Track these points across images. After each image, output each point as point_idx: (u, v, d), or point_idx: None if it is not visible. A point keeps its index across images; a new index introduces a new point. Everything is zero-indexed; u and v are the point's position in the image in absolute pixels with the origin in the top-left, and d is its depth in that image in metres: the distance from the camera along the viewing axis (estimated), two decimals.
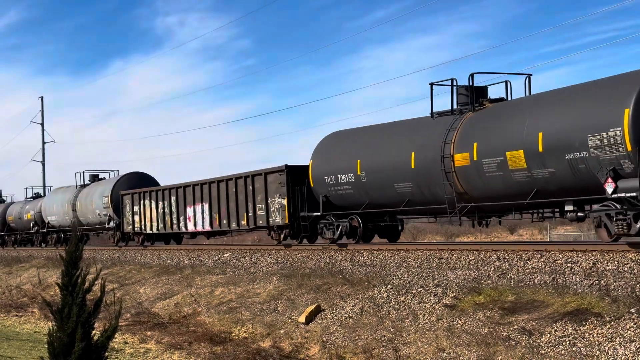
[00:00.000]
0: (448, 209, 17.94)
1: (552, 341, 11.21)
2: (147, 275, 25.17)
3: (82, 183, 40.07)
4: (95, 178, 39.91)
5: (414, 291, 14.89)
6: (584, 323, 11.22)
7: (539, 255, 14.66)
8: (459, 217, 18.25)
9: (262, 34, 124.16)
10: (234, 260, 23.07)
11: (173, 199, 29.60)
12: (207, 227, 27.36)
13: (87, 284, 8.57)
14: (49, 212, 42.26)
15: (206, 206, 27.21)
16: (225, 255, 24.29)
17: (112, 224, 35.22)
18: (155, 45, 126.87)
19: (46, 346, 8.48)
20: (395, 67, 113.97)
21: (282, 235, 23.74)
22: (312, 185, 22.27)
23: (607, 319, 11.09)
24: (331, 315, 15.55)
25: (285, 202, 23.02)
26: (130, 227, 33.08)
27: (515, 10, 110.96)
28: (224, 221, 26.03)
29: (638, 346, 10.22)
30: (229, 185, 25.90)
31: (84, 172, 40.39)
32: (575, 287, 12.61)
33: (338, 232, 21.51)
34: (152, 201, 31.30)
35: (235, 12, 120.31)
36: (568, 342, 11.02)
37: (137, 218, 32.49)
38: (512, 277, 14.03)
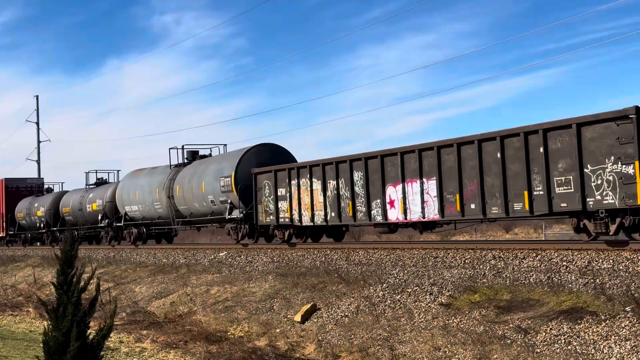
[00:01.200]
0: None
1: (548, 340, 11.22)
2: (143, 274, 25.14)
3: (179, 162, 30.76)
4: (194, 155, 30.58)
5: (409, 290, 14.89)
6: (579, 321, 11.23)
7: (534, 254, 14.68)
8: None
9: (258, 33, 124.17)
10: (229, 259, 23.06)
11: (358, 175, 20.55)
12: (433, 215, 18.00)
13: (82, 283, 8.57)
14: (127, 200, 32.90)
15: (431, 183, 17.98)
16: (221, 254, 24.27)
17: (236, 214, 25.45)
18: (151, 44, 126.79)
19: (41, 345, 8.47)
20: (391, 66, 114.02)
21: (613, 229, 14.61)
22: None
23: (602, 317, 11.10)
24: (327, 314, 15.55)
25: (635, 169, 13.83)
26: (272, 217, 23.73)
27: (510, 9, 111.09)
28: (473, 205, 16.95)
29: (633, 344, 10.24)
30: (486, 148, 16.65)
31: (183, 148, 30.97)
32: (570, 285, 12.63)
33: None
34: (314, 180, 22.20)
35: (231, 11, 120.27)
36: (563, 341, 11.03)
37: (283, 205, 23.35)
38: (508, 275, 14.04)
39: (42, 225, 43.16)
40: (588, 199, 14.41)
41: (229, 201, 25.84)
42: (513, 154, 15.95)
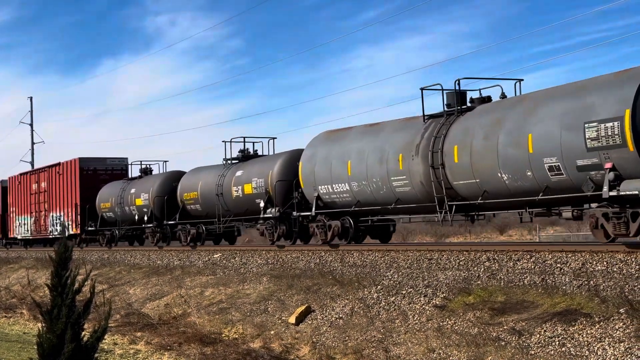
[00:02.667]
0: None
1: (542, 341, 11.24)
2: (137, 276, 25.12)
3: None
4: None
5: (404, 292, 14.90)
6: (573, 323, 11.25)
7: (528, 256, 14.70)
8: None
9: (254, 34, 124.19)
10: (224, 261, 23.05)
11: None
12: None
13: (76, 285, 8.56)
14: (320, 178, 21.67)
15: None
16: (215, 256, 24.26)
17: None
18: (146, 45, 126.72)
19: (35, 347, 8.46)
20: (386, 67, 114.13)
21: None
22: None
23: (596, 319, 11.12)
24: (321, 315, 15.55)
25: None
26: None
27: (506, 10, 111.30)
28: None
29: (627, 346, 10.26)
30: None
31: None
32: (564, 287, 12.65)
33: None
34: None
35: (226, 12, 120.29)
36: (557, 343, 11.05)
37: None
38: (502, 277, 14.06)
39: (143, 219, 31.51)
40: None
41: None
42: None
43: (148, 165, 34.53)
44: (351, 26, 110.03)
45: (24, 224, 43.84)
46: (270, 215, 23.92)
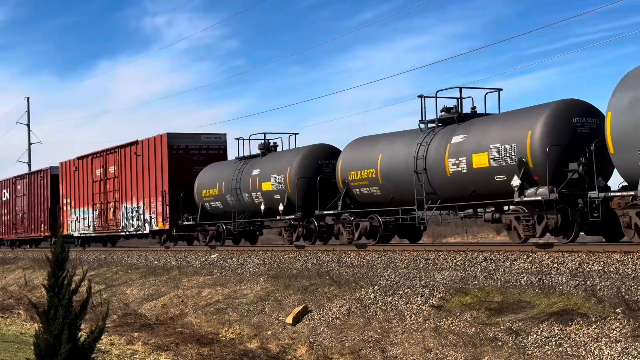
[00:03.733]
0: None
1: (539, 341, 11.25)
2: (134, 276, 25.11)
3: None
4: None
5: (401, 292, 14.91)
6: (570, 323, 11.27)
7: (525, 256, 14.72)
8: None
9: (251, 35, 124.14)
10: (221, 261, 23.05)
11: None
12: None
13: (73, 285, 8.55)
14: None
15: None
16: (212, 256, 24.26)
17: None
18: (143, 46, 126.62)
19: (32, 348, 8.45)
20: (384, 67, 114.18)
21: None
22: None
23: (593, 319, 11.14)
24: (318, 316, 15.56)
25: None
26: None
27: (503, 11, 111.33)
28: None
29: (624, 346, 10.27)
30: None
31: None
32: (561, 287, 12.67)
33: None
34: None
35: (223, 12, 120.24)
36: (554, 343, 11.06)
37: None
38: (499, 277, 14.08)
39: (276, 208, 24.27)
40: None
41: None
42: None
43: (269, 141, 26.65)
44: (348, 27, 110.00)
45: (84, 219, 36.96)
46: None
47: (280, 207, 23.72)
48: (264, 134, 26.69)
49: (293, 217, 23.31)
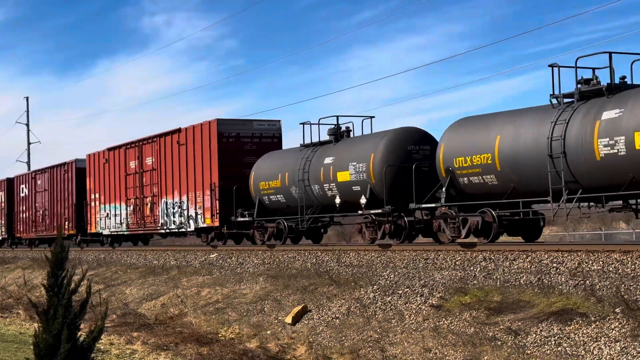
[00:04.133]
0: None
1: (538, 341, 11.26)
2: (133, 276, 25.11)
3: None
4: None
5: (400, 292, 14.91)
6: (569, 323, 11.27)
7: (524, 256, 14.72)
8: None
9: (249, 34, 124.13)
10: (220, 261, 23.05)
11: None
12: None
13: (73, 285, 8.55)
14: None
15: None
16: (211, 255, 24.26)
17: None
18: (142, 45, 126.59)
19: (32, 347, 8.45)
20: (383, 67, 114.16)
21: None
22: None
23: (592, 318, 11.15)
24: (318, 315, 15.56)
25: None
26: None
27: (502, 10, 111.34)
28: None
29: (623, 346, 10.28)
30: None
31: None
32: (560, 287, 12.67)
33: None
34: None
35: (222, 12, 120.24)
36: (553, 342, 11.07)
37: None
38: (498, 277, 14.08)
39: (351, 202, 21.68)
40: None
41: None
42: None
43: (340, 126, 23.26)
44: (347, 27, 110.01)
45: (116, 215, 33.90)
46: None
47: (362, 200, 20.78)
48: (337, 117, 23.12)
49: (380, 211, 20.36)
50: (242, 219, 25.57)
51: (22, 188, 44.05)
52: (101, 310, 12.88)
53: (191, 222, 27.96)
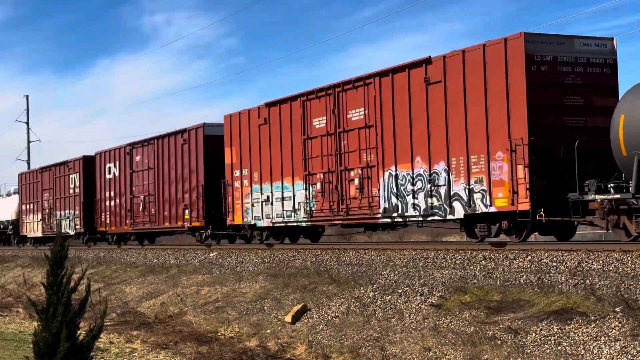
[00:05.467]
0: None
1: (538, 340, 11.25)
2: (133, 274, 25.11)
3: None
4: None
5: (400, 291, 14.91)
6: (569, 322, 11.27)
7: (524, 255, 14.72)
8: None
9: (250, 33, 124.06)
10: (220, 260, 23.04)
11: None
12: None
13: (72, 284, 8.55)
14: None
15: None
16: (211, 254, 24.25)
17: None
18: (142, 44, 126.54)
19: (31, 346, 8.45)
20: (383, 65, 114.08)
21: None
22: None
23: (592, 318, 11.14)
24: (317, 314, 15.55)
25: None
26: None
27: (503, 9, 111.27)
28: None
29: (623, 345, 10.28)
30: None
31: None
32: (560, 286, 12.67)
33: None
34: None
35: (222, 10, 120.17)
36: (553, 341, 11.06)
37: None
38: (498, 276, 14.08)
39: None
40: None
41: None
42: None
43: None
44: (347, 25, 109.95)
45: (284, 200, 24.30)
46: None
47: None
48: None
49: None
50: (601, 197, 15.22)
51: (109, 168, 34.72)
52: (101, 308, 12.87)
53: (456, 204, 18.42)
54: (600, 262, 13.20)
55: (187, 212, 29.01)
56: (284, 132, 24.08)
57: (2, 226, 49.18)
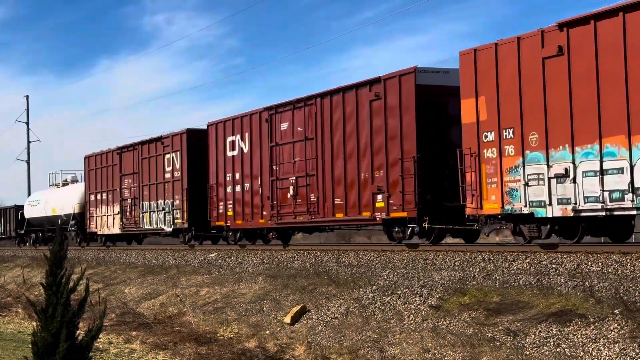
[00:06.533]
0: None
1: (537, 342, 11.25)
2: (132, 275, 25.11)
3: None
4: None
5: (399, 292, 14.91)
6: (568, 324, 11.27)
7: (523, 257, 14.72)
8: None
9: (250, 33, 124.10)
10: (219, 261, 23.04)
11: None
12: None
13: (71, 284, 8.55)
14: None
15: None
16: (211, 255, 24.25)
17: None
18: (143, 44, 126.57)
19: (30, 346, 8.44)
20: (383, 67, 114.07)
21: None
22: None
23: (591, 320, 11.14)
24: (317, 315, 15.56)
25: None
26: None
27: (503, 10, 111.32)
28: None
29: (622, 347, 10.28)
30: None
31: None
32: (559, 288, 12.67)
33: None
34: None
35: (223, 11, 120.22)
36: (552, 343, 11.07)
37: None
38: (497, 278, 14.08)
39: None
40: None
41: None
42: None
43: None
44: (347, 26, 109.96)
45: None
46: None
47: None
48: None
49: None
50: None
51: (232, 142, 26.14)
52: (100, 309, 12.88)
53: None
54: (600, 264, 13.20)
55: (380, 197, 20.28)
56: (607, 65, 14.87)
57: (59, 222, 39.68)
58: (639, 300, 11.34)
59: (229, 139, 26.24)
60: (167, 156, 29.87)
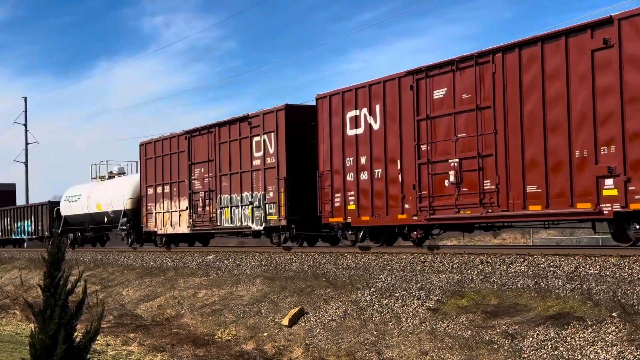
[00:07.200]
0: None
1: (535, 345, 11.25)
2: (130, 277, 25.09)
3: None
4: None
5: (397, 294, 14.91)
6: (566, 327, 11.27)
7: (522, 259, 14.72)
8: None
9: (249, 36, 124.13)
10: (217, 263, 23.03)
11: None
12: None
13: (69, 286, 8.55)
14: None
15: None
16: (209, 257, 24.23)
17: None
18: (141, 46, 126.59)
19: (28, 348, 8.44)
20: (381, 70, 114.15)
21: None
22: None
23: (589, 322, 11.15)
24: (314, 318, 15.55)
25: None
26: None
27: (502, 13, 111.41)
28: None
29: (619, 350, 10.28)
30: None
31: None
32: (557, 291, 12.67)
33: None
34: None
35: (221, 13, 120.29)
36: (550, 346, 11.07)
37: None
38: (495, 280, 14.08)
39: None
40: None
41: None
42: None
43: None
44: (346, 29, 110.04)
45: None
46: None
47: None
48: None
49: None
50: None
51: (353, 117, 21.10)
52: (97, 311, 12.87)
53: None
54: (597, 267, 13.20)
55: (610, 182, 14.96)
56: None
57: (106, 219, 34.84)
58: (636, 303, 11.34)
59: (350, 114, 21.15)
60: (256, 139, 24.59)
